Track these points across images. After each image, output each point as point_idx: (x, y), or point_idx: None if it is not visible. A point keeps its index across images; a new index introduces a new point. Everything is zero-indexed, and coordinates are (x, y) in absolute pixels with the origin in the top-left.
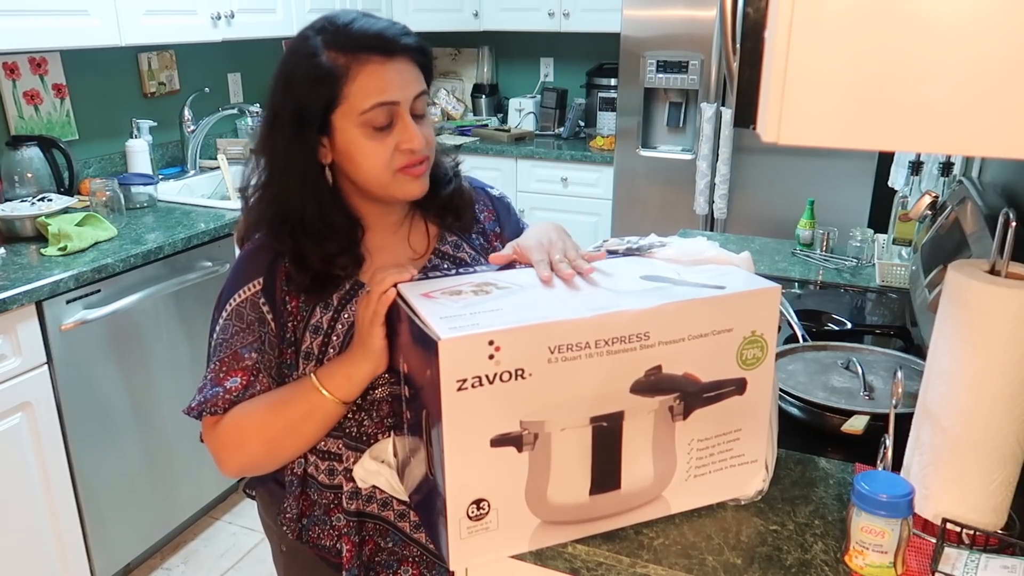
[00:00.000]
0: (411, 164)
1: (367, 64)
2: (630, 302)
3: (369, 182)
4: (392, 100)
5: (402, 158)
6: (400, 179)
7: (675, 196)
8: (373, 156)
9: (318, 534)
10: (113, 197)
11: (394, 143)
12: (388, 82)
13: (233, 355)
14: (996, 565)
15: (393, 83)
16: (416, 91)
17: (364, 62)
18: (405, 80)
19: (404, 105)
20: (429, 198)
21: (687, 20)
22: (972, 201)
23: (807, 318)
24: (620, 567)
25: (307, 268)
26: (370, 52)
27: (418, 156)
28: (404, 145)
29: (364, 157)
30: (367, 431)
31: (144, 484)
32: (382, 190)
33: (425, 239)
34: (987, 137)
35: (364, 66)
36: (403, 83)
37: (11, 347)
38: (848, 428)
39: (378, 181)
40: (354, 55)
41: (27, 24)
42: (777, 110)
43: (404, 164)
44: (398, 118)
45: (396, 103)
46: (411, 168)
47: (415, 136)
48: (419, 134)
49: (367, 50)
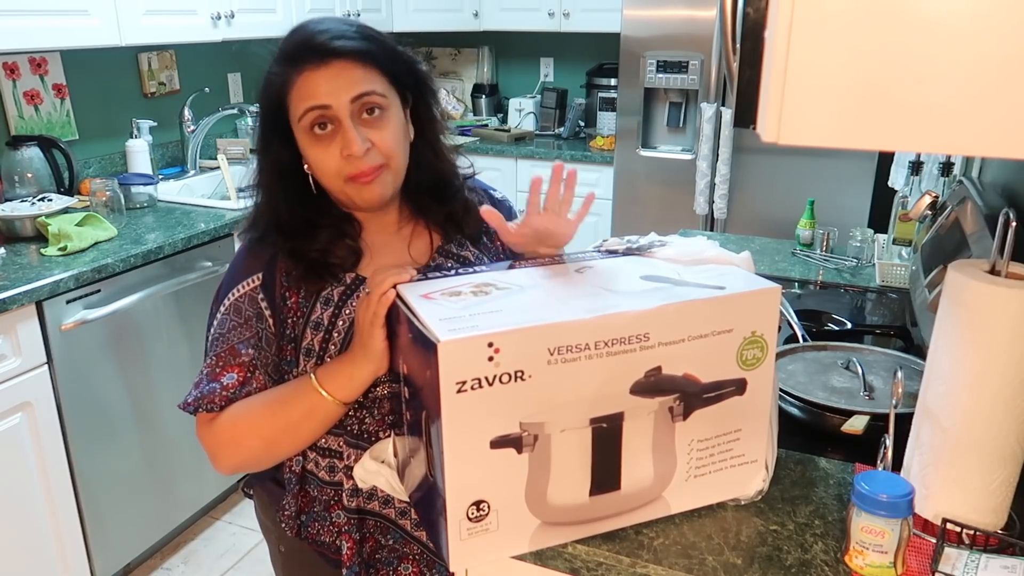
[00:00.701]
0: (358, 172)
1: (302, 71)
2: (630, 303)
3: (329, 189)
4: (321, 104)
5: (347, 167)
6: (351, 186)
7: (675, 196)
8: (321, 164)
9: (317, 530)
10: (113, 197)
11: (337, 150)
12: (317, 87)
13: (230, 350)
14: (996, 565)
15: (322, 88)
16: (353, 93)
17: (300, 70)
18: (338, 85)
19: (339, 109)
20: (432, 208)
21: (687, 20)
22: (972, 201)
23: (807, 318)
24: (620, 567)
25: (302, 258)
26: (303, 59)
27: (362, 164)
28: (344, 151)
29: (315, 165)
30: (368, 429)
31: (144, 484)
32: (340, 196)
33: (428, 248)
34: (987, 137)
35: (300, 74)
36: (335, 88)
37: (11, 347)
38: (848, 428)
39: (333, 188)
40: (291, 64)
41: (27, 24)
42: (777, 110)
43: (351, 174)
44: (336, 123)
45: (327, 107)
46: (359, 177)
47: (352, 142)
48: (356, 140)
49: (300, 57)
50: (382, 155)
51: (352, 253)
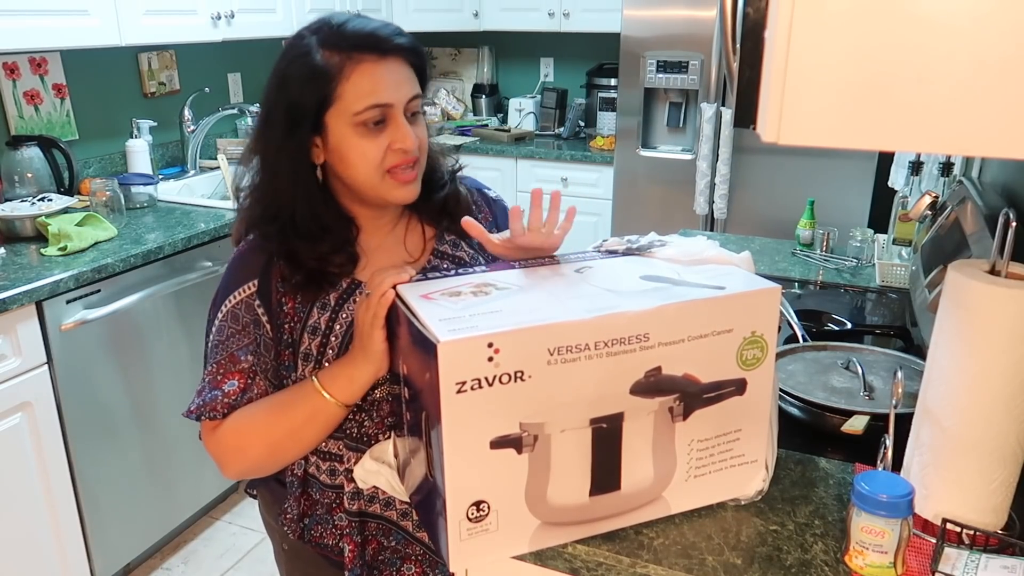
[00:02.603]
0: (401, 165)
1: (361, 63)
2: (630, 303)
3: (359, 183)
4: (386, 102)
5: (393, 158)
6: (389, 183)
7: (675, 196)
8: (365, 155)
9: (320, 533)
10: (113, 197)
11: (387, 143)
12: (382, 82)
13: (229, 357)
14: (996, 565)
15: (387, 84)
16: (410, 92)
17: (358, 61)
18: (399, 81)
19: (398, 107)
20: (423, 201)
21: (687, 20)
22: (972, 201)
23: (807, 318)
24: (620, 567)
25: (300, 266)
26: (364, 51)
27: (409, 157)
28: (396, 145)
29: (356, 156)
30: (368, 431)
31: (144, 484)
32: (372, 191)
33: (421, 241)
34: (987, 137)
35: (358, 65)
36: (397, 84)
37: (11, 347)
38: (848, 428)
39: (368, 182)
40: (348, 54)
41: (27, 24)
42: (777, 110)
43: (395, 164)
44: (391, 119)
45: (390, 105)
46: (400, 171)
47: (408, 136)
48: (412, 135)
49: (361, 49)
50: (420, 152)
51: (350, 260)
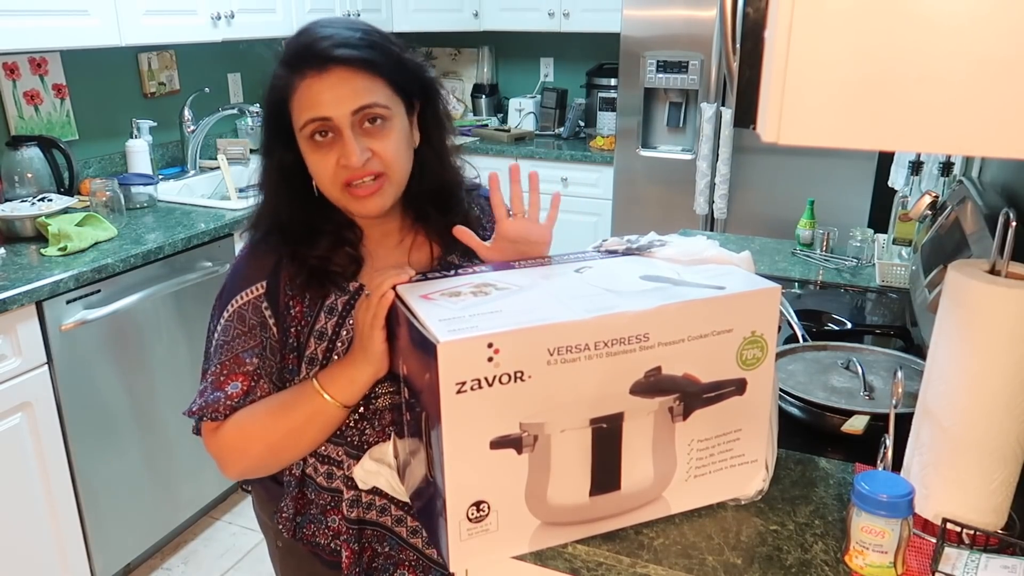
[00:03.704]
0: (352, 180)
1: (305, 78)
2: (629, 303)
3: (327, 195)
4: (322, 116)
5: (343, 173)
6: (347, 196)
7: (675, 196)
8: (318, 171)
9: (313, 532)
10: (113, 197)
11: (335, 158)
12: (319, 97)
13: (234, 359)
14: (996, 565)
15: (324, 98)
16: (355, 104)
17: (302, 76)
18: (340, 95)
19: (340, 120)
20: (433, 217)
21: (687, 20)
22: (972, 201)
23: (807, 318)
24: (620, 567)
25: (303, 264)
26: (306, 65)
27: (358, 172)
28: (342, 160)
29: (313, 171)
30: (368, 440)
31: (144, 484)
32: (338, 203)
33: (428, 260)
34: (987, 137)
35: (302, 80)
36: (336, 98)
37: (11, 347)
38: (848, 428)
39: (331, 195)
40: (294, 69)
41: (27, 24)
42: (777, 110)
43: (345, 179)
44: (337, 133)
45: (328, 119)
46: (355, 186)
47: (351, 152)
48: (355, 151)
49: (303, 63)
50: (382, 164)
51: (352, 261)
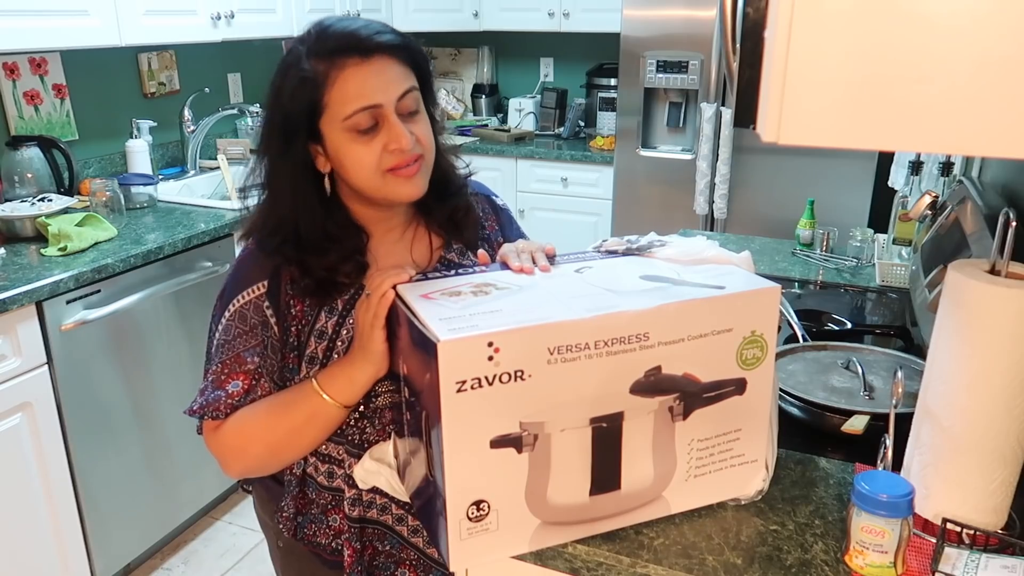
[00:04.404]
0: (401, 164)
1: (345, 68)
2: (629, 302)
3: (362, 186)
4: (373, 104)
5: (391, 159)
6: (391, 181)
7: (675, 196)
8: (361, 160)
9: (314, 531)
10: (113, 197)
11: (381, 145)
12: (367, 85)
13: (235, 358)
14: (996, 565)
15: (373, 85)
16: (400, 90)
17: (342, 66)
18: (386, 80)
19: (388, 106)
20: (434, 208)
21: (687, 20)
22: (972, 201)
23: (807, 318)
24: (620, 567)
25: (311, 274)
26: (346, 55)
27: (407, 156)
28: (392, 146)
29: (353, 162)
30: (369, 439)
31: (144, 484)
32: (376, 192)
33: (428, 250)
34: (987, 137)
35: (342, 70)
36: (384, 83)
37: (11, 347)
38: (848, 428)
39: (370, 184)
40: (331, 60)
41: (27, 24)
42: (777, 110)
43: (393, 165)
44: (383, 119)
45: (379, 106)
46: (401, 169)
47: (401, 136)
48: (405, 134)
49: (343, 53)
50: (421, 147)
51: (359, 270)
